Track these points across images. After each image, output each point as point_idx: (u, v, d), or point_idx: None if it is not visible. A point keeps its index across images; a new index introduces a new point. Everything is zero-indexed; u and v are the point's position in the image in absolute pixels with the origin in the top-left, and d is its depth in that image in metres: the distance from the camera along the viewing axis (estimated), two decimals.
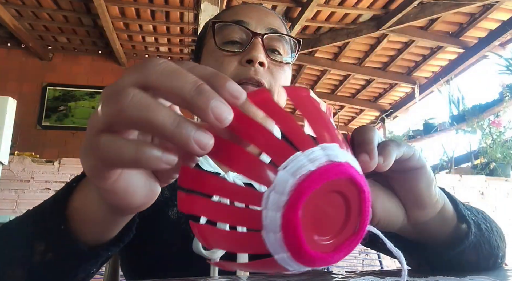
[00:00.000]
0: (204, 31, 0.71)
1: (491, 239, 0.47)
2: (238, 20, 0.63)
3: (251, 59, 0.60)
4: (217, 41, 0.62)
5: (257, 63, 0.60)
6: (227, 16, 0.66)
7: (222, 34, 0.63)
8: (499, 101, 3.77)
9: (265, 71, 0.61)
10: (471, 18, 4.07)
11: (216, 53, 0.63)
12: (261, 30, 0.63)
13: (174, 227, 0.59)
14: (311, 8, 3.74)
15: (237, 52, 0.62)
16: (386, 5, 3.96)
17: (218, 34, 0.63)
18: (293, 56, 0.67)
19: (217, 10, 3.01)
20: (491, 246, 0.47)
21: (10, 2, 4.02)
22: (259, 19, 0.64)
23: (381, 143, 0.37)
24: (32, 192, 3.11)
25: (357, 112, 6.47)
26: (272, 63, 0.63)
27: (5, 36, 4.77)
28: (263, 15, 0.66)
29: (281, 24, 0.68)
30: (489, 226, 0.48)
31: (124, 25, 4.48)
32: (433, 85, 4.93)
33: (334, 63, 5.02)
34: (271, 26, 0.64)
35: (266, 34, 0.62)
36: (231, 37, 0.62)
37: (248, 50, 0.60)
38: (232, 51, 0.62)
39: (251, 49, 0.60)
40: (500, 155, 3.62)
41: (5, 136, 2.78)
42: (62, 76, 5.01)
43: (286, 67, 0.65)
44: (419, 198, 0.41)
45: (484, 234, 0.46)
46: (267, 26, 0.64)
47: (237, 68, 0.61)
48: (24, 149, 3.52)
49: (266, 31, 0.63)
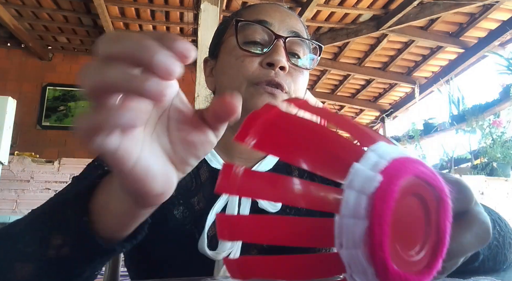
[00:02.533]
0: (223, 27, 0.69)
1: (498, 255, 0.45)
2: (261, 20, 0.62)
3: (272, 63, 0.59)
4: (239, 40, 0.61)
5: (278, 67, 0.59)
6: (249, 14, 0.65)
7: (244, 33, 0.62)
8: (499, 101, 3.77)
9: (285, 74, 0.60)
10: (471, 18, 4.07)
11: (236, 52, 0.62)
12: (284, 32, 0.62)
13: (179, 227, 0.59)
14: (311, 8, 3.74)
15: (259, 53, 0.61)
16: (386, 5, 3.96)
17: (239, 33, 0.62)
18: (313, 61, 0.66)
19: (217, 10, 3.01)
20: (495, 262, 0.46)
21: (10, 2, 4.02)
22: (282, 20, 0.63)
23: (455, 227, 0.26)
24: (32, 192, 3.11)
25: (357, 112, 6.47)
26: (292, 67, 0.62)
27: (5, 36, 4.76)
28: (286, 17, 0.64)
29: (302, 27, 0.66)
30: (500, 242, 0.45)
31: (124, 25, 4.47)
32: (433, 85, 4.93)
33: (334, 63, 5.02)
34: (293, 29, 0.63)
35: (289, 37, 0.61)
36: (253, 37, 0.61)
37: (270, 53, 0.59)
38: (255, 53, 0.61)
39: (273, 52, 0.59)
40: (500, 155, 3.62)
41: (5, 136, 2.78)
42: (62, 76, 5.01)
43: (305, 71, 0.65)
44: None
45: (492, 251, 0.44)
46: (290, 29, 0.63)
47: (258, 69, 0.60)
48: (24, 149, 3.52)
49: (289, 34, 0.62)
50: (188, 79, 5.15)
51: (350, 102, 6.00)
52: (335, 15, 4.13)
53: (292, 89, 0.61)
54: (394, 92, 5.67)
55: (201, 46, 2.83)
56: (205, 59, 0.71)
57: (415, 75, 5.15)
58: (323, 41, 4.43)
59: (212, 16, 2.95)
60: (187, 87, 5.11)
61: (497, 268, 0.47)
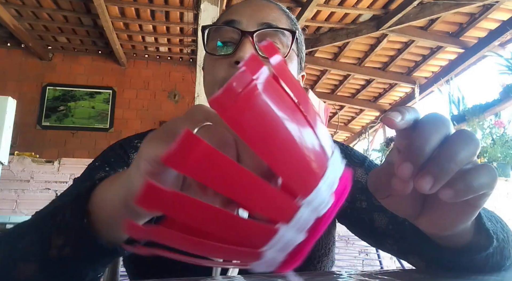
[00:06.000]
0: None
1: (505, 250, 0.46)
2: (228, 21, 0.61)
3: (238, 60, 0.57)
4: (210, 45, 0.61)
5: None
6: (223, 17, 0.64)
7: (215, 37, 0.62)
8: (500, 101, 3.77)
9: None
10: (471, 18, 4.07)
11: (209, 58, 0.62)
12: (253, 27, 0.59)
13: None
14: (311, 8, 3.74)
15: (226, 54, 0.59)
16: (386, 5, 3.96)
17: (212, 38, 0.62)
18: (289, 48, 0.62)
19: (217, 10, 3.01)
20: (502, 257, 0.46)
21: (10, 2, 4.02)
22: (251, 15, 0.61)
23: (472, 169, 0.30)
24: (32, 192, 3.11)
25: (357, 112, 6.47)
26: (266, 60, 0.61)
27: (5, 36, 4.76)
28: (257, 10, 0.62)
29: (279, 15, 0.64)
30: (506, 237, 0.46)
31: (124, 25, 4.47)
32: (433, 85, 4.93)
33: (334, 63, 5.02)
34: (264, 21, 0.60)
35: (257, 31, 0.59)
36: (223, 39, 0.61)
37: (235, 52, 0.58)
38: (220, 55, 0.60)
39: (238, 50, 0.57)
40: (500, 155, 3.62)
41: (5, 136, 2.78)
42: (62, 76, 5.01)
43: (287, 61, 0.62)
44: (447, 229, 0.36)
45: (500, 244, 0.44)
46: (260, 21, 0.60)
47: (227, 70, 0.59)
48: (24, 149, 3.52)
49: (258, 28, 0.59)
50: (188, 79, 5.16)
51: (350, 102, 6.00)
52: (335, 15, 4.13)
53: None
54: (394, 92, 5.67)
55: (201, 46, 2.83)
56: (203, 68, 0.72)
57: (415, 75, 5.15)
58: (323, 41, 4.43)
59: (212, 16, 2.95)
60: (187, 87, 5.12)
61: (502, 264, 0.47)
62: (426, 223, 0.37)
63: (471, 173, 0.29)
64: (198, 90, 2.75)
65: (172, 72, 5.25)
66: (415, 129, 0.31)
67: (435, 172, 0.28)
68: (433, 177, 0.28)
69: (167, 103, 5.14)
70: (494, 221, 0.45)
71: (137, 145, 0.64)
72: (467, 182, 0.29)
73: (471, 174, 0.29)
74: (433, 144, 0.29)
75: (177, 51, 5.11)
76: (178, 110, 5.10)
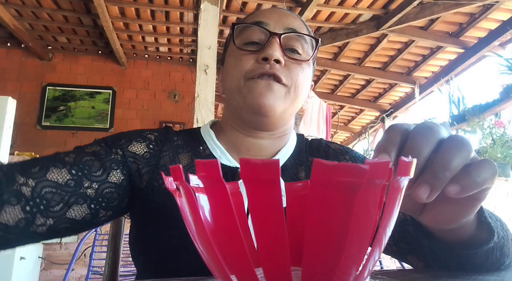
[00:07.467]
0: (228, 35, 0.73)
1: (504, 247, 0.47)
2: (257, 22, 0.66)
3: (266, 57, 0.62)
4: (237, 42, 0.66)
5: (272, 60, 0.62)
6: (249, 19, 0.69)
7: (242, 36, 0.66)
8: (500, 101, 3.77)
9: (281, 67, 0.63)
10: (471, 18, 4.07)
11: (235, 53, 0.66)
12: (279, 30, 0.65)
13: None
14: (311, 8, 3.74)
15: (254, 50, 0.64)
16: (386, 5, 3.96)
17: (238, 36, 0.66)
18: (311, 54, 0.68)
19: (217, 10, 3.01)
20: (502, 254, 0.47)
21: (10, 2, 4.02)
22: (278, 20, 0.66)
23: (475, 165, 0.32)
24: None
25: (357, 112, 6.47)
26: (289, 61, 0.64)
27: (5, 36, 4.76)
28: (283, 17, 0.67)
29: (301, 25, 0.69)
30: (505, 235, 0.47)
31: (124, 25, 4.47)
32: (433, 85, 4.93)
33: (334, 63, 5.02)
34: (289, 26, 0.66)
35: (284, 33, 0.64)
36: (250, 38, 0.65)
37: (264, 49, 0.63)
38: (250, 50, 0.64)
39: (267, 48, 0.62)
40: (500, 155, 3.62)
41: (5, 136, 2.78)
42: (62, 76, 5.01)
43: (305, 65, 0.66)
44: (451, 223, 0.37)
45: (500, 241, 0.45)
46: (286, 26, 0.65)
47: (254, 65, 0.63)
48: (24, 149, 3.52)
49: (284, 31, 0.65)
50: (188, 79, 5.16)
51: (350, 102, 6.00)
52: (335, 15, 4.13)
53: (290, 82, 0.63)
54: (394, 92, 5.67)
55: (201, 46, 2.83)
56: (217, 67, 0.77)
57: (415, 75, 5.15)
58: (323, 41, 4.43)
59: (212, 16, 2.94)
60: (187, 87, 5.12)
61: (501, 261, 0.47)
62: (430, 218, 0.37)
63: (475, 168, 0.31)
64: (198, 90, 2.75)
65: (172, 72, 5.25)
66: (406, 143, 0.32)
67: (431, 182, 0.30)
68: (429, 186, 0.30)
69: (167, 103, 5.14)
70: (494, 218, 0.47)
71: (147, 136, 0.68)
72: (472, 178, 0.30)
73: (475, 169, 0.31)
74: (426, 155, 0.31)
75: (177, 51, 5.11)
76: (178, 110, 5.10)
